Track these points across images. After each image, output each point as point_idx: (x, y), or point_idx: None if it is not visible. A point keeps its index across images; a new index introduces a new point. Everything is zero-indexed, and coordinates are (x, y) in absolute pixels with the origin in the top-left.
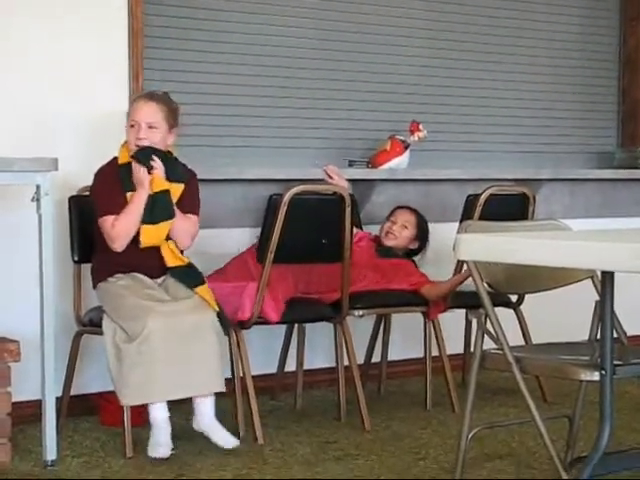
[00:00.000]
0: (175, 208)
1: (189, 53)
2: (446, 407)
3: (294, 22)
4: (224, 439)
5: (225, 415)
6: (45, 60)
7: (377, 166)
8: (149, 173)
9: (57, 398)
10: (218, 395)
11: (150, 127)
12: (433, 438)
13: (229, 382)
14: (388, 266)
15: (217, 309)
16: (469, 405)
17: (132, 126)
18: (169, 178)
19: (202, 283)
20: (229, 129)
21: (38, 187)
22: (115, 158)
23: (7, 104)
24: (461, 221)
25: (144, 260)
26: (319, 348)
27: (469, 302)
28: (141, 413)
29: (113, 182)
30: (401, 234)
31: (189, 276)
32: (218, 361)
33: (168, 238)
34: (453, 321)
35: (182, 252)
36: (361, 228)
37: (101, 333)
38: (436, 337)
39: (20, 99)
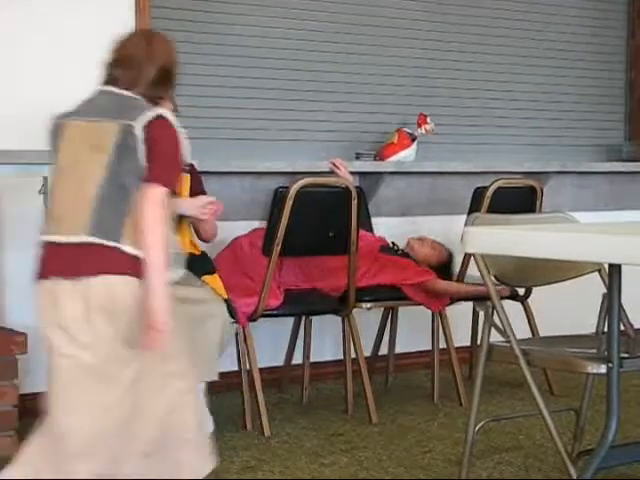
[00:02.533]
0: None
1: (197, 46)
2: (453, 400)
3: (303, 15)
4: None
5: (232, 407)
6: (53, 53)
7: (384, 159)
8: None
9: None
10: (227, 387)
11: None
12: (440, 431)
13: (237, 375)
14: (385, 261)
15: (226, 296)
16: (476, 398)
17: None
18: None
19: (212, 272)
20: (237, 122)
21: (45, 179)
22: None
23: (14, 97)
24: (469, 214)
25: None
26: (326, 341)
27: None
28: None
29: None
30: (422, 248)
31: (199, 264)
32: (215, 351)
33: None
34: (460, 314)
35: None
36: (371, 227)
37: None
38: (443, 330)
39: (27, 92)
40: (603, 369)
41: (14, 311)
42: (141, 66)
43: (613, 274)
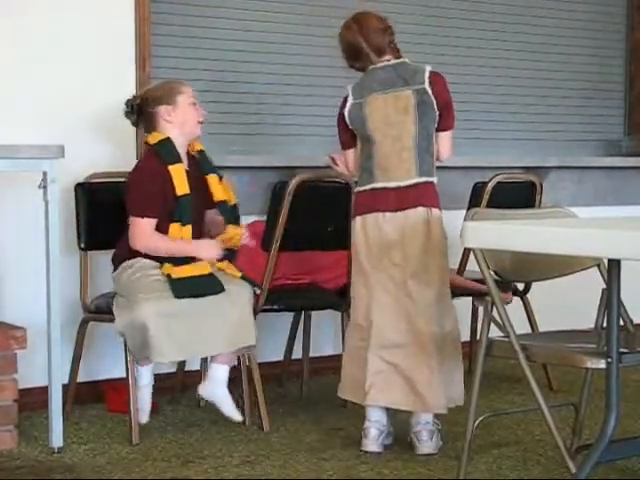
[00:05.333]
0: None
1: (196, 40)
2: None
3: (303, 9)
4: (232, 412)
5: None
6: (51, 48)
7: None
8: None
9: (64, 385)
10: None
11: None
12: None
13: (236, 369)
14: None
15: (239, 274)
16: (475, 393)
17: (194, 104)
18: (206, 171)
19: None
20: (236, 116)
21: (45, 174)
22: (153, 155)
23: (14, 91)
24: (468, 209)
25: None
26: (326, 335)
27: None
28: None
29: (157, 182)
30: None
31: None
32: (250, 317)
33: None
34: (460, 308)
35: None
36: None
37: (107, 320)
38: None
39: (27, 86)
40: (602, 364)
41: (13, 306)
42: (378, 38)
43: (612, 269)
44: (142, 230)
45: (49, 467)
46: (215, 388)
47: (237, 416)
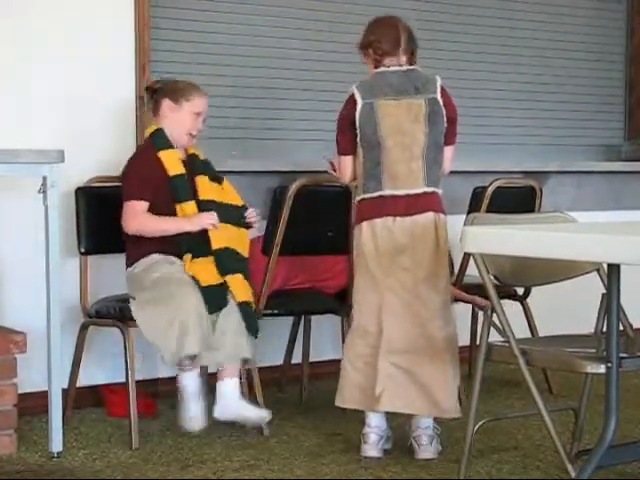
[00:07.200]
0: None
1: (196, 45)
2: None
3: (302, 14)
4: (258, 415)
5: None
6: (51, 52)
7: None
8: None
9: (63, 389)
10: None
11: (203, 120)
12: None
13: None
14: None
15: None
16: (475, 397)
17: (198, 114)
18: (197, 172)
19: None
20: (235, 121)
21: (45, 179)
22: (148, 144)
23: (14, 93)
24: (468, 213)
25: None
26: (325, 340)
27: (475, 294)
28: (147, 404)
29: (148, 167)
30: None
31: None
32: (244, 330)
33: None
34: (459, 313)
35: None
36: None
37: (107, 325)
38: None
39: (26, 91)
40: (602, 369)
41: (13, 310)
42: (398, 43)
43: (612, 274)
44: (133, 211)
45: (49, 471)
46: (229, 404)
47: (264, 414)
